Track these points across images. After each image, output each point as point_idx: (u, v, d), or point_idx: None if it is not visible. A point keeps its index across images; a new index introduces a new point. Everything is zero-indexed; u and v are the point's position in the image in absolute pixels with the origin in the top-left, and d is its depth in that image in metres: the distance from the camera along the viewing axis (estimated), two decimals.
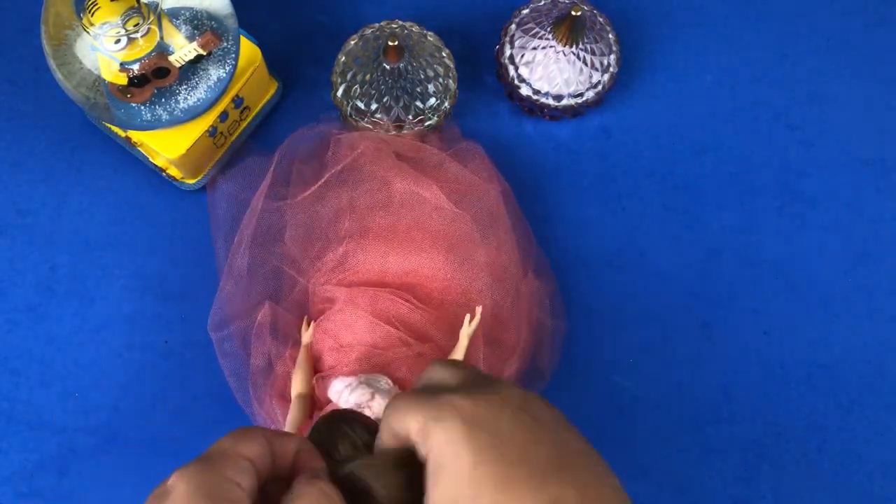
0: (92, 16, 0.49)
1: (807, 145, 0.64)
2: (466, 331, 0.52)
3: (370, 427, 0.36)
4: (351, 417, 0.38)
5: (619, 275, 0.60)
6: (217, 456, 0.29)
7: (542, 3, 0.61)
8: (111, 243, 0.60)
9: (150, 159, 0.59)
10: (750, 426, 0.58)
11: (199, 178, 0.59)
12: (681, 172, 0.63)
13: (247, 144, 0.61)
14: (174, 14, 0.52)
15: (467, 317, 0.52)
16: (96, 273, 0.59)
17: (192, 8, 0.53)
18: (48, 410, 0.56)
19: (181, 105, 0.52)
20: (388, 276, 0.55)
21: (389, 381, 0.48)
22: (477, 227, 0.56)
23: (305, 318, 0.55)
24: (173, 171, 0.59)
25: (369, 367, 0.51)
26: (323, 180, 0.56)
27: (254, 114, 0.60)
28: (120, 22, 0.50)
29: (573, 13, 0.56)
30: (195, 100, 0.52)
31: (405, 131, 0.58)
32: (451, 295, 0.55)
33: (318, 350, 0.53)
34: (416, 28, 0.58)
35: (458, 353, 0.51)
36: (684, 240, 0.62)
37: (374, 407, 0.45)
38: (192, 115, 0.53)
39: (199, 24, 0.52)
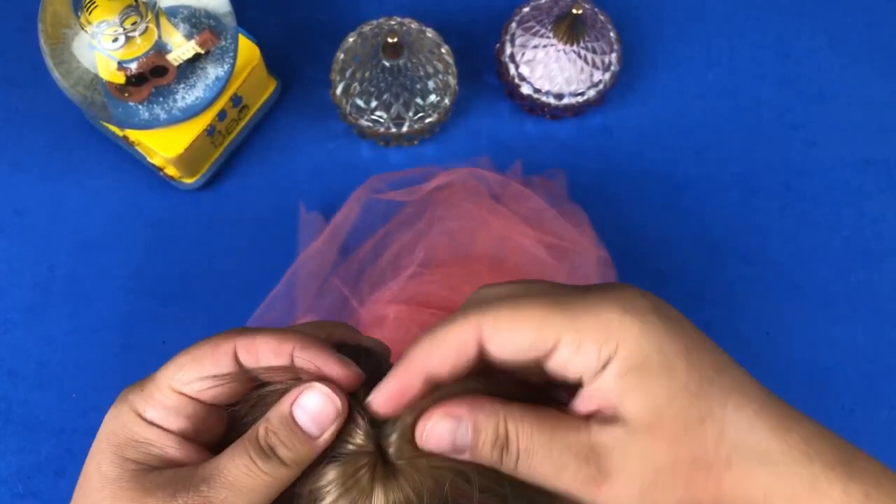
0: (90, 14, 0.49)
1: (809, 144, 0.63)
2: None
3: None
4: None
5: (619, 275, 0.60)
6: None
7: (543, 1, 0.61)
8: (109, 243, 0.59)
9: (148, 158, 0.59)
10: None
11: (196, 177, 0.59)
12: (682, 171, 0.62)
13: (246, 143, 0.61)
14: (172, 12, 0.52)
15: None
16: (94, 273, 0.59)
17: (190, 6, 0.52)
18: (45, 411, 0.56)
19: (179, 104, 0.52)
20: (454, 307, 0.48)
21: None
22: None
23: None
24: (171, 171, 0.59)
25: None
26: (414, 196, 0.51)
27: (252, 112, 0.60)
28: (118, 20, 0.50)
29: (574, 11, 0.56)
30: (193, 98, 0.52)
31: (405, 128, 0.58)
32: None
33: None
34: (414, 24, 0.58)
35: None
36: (685, 239, 0.61)
37: None
38: (190, 113, 0.52)
39: (197, 22, 0.52)
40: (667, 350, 0.26)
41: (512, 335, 0.26)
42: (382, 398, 0.27)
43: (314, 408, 0.27)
